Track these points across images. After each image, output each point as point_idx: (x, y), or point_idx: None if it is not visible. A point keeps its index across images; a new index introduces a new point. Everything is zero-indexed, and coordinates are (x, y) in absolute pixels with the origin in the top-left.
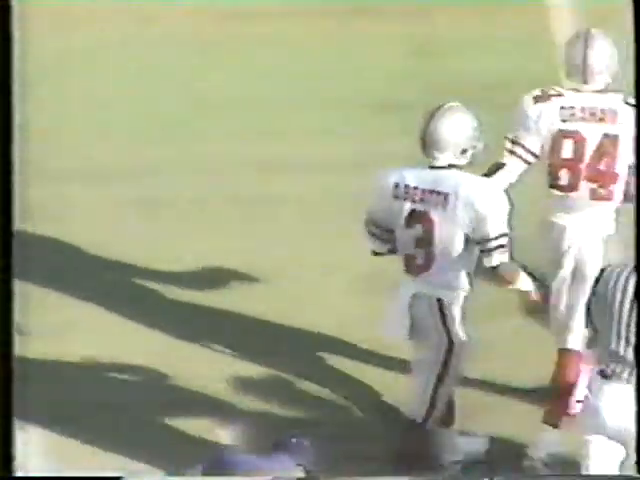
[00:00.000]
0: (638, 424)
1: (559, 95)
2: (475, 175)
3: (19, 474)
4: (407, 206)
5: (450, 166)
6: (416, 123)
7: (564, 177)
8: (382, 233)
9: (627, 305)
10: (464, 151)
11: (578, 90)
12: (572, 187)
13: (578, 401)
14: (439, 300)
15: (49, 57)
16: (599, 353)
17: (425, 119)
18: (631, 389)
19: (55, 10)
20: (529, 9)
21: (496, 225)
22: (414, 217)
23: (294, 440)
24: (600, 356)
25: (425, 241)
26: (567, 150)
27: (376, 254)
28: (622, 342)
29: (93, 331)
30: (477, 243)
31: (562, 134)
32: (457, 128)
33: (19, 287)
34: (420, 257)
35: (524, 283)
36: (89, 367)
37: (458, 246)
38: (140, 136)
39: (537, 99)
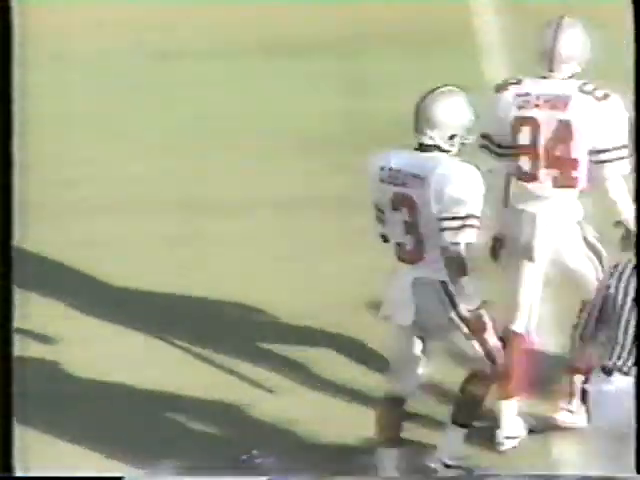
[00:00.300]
0: (638, 423)
1: (517, 83)
2: (456, 160)
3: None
4: (391, 189)
5: (435, 147)
6: (348, 161)
7: (525, 165)
8: (382, 214)
9: (630, 299)
10: (452, 137)
11: (544, 77)
12: (533, 176)
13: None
14: (443, 283)
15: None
16: (601, 348)
17: (422, 96)
18: (631, 380)
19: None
20: (462, 50)
21: (461, 206)
22: (398, 200)
23: (245, 457)
24: (603, 351)
25: (412, 225)
26: (524, 137)
27: (384, 239)
28: (627, 336)
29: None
30: (439, 221)
31: (519, 121)
32: (450, 110)
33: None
34: (409, 243)
35: (469, 287)
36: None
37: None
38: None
39: (497, 88)
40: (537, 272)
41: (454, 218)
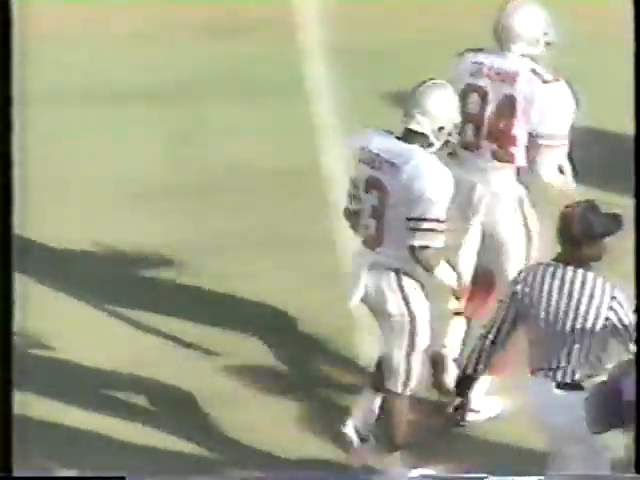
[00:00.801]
0: (637, 423)
1: (476, 51)
2: (433, 157)
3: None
4: (367, 171)
5: (422, 135)
6: (174, 208)
7: (469, 132)
8: (355, 190)
9: (553, 302)
10: (440, 129)
11: (496, 50)
12: (476, 145)
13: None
14: (397, 272)
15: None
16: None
17: (417, 84)
18: (552, 385)
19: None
20: (291, 95)
21: (429, 207)
22: (371, 183)
23: None
24: (532, 357)
25: (378, 211)
26: (472, 105)
27: (346, 211)
28: (555, 337)
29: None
30: (408, 220)
31: (469, 88)
32: (443, 101)
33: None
34: (372, 228)
35: (445, 274)
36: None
37: (403, 222)
38: None
39: (458, 54)
40: (472, 242)
41: (423, 219)
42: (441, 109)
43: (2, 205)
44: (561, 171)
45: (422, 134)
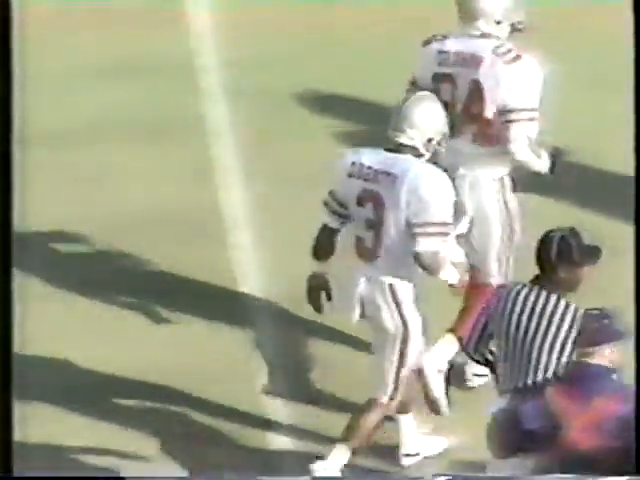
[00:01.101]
0: (637, 424)
1: (441, 39)
2: (428, 164)
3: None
4: (360, 184)
5: (412, 148)
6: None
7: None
8: (339, 208)
9: (523, 324)
10: (430, 140)
11: (465, 35)
12: (457, 130)
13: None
14: (391, 286)
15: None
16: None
17: (403, 98)
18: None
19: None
20: (191, 136)
21: (434, 212)
22: (365, 196)
23: None
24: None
25: (375, 223)
26: (445, 93)
27: (324, 228)
28: (520, 359)
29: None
30: (413, 226)
31: (438, 77)
32: (431, 113)
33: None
34: (369, 240)
35: (448, 275)
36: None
37: (405, 231)
38: None
39: (424, 42)
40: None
41: (430, 224)
42: (429, 121)
43: (2, 203)
44: (538, 156)
45: (412, 147)
